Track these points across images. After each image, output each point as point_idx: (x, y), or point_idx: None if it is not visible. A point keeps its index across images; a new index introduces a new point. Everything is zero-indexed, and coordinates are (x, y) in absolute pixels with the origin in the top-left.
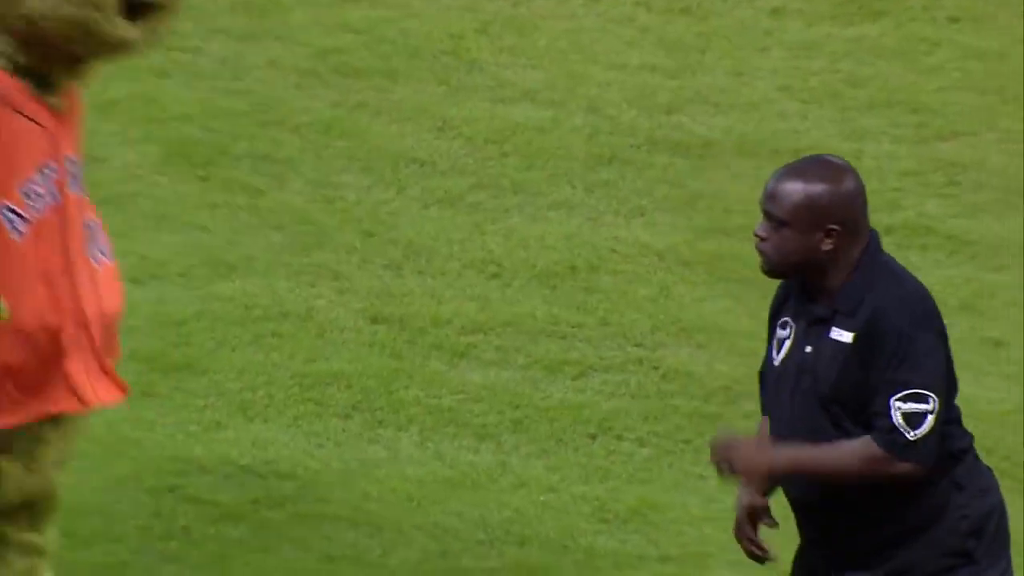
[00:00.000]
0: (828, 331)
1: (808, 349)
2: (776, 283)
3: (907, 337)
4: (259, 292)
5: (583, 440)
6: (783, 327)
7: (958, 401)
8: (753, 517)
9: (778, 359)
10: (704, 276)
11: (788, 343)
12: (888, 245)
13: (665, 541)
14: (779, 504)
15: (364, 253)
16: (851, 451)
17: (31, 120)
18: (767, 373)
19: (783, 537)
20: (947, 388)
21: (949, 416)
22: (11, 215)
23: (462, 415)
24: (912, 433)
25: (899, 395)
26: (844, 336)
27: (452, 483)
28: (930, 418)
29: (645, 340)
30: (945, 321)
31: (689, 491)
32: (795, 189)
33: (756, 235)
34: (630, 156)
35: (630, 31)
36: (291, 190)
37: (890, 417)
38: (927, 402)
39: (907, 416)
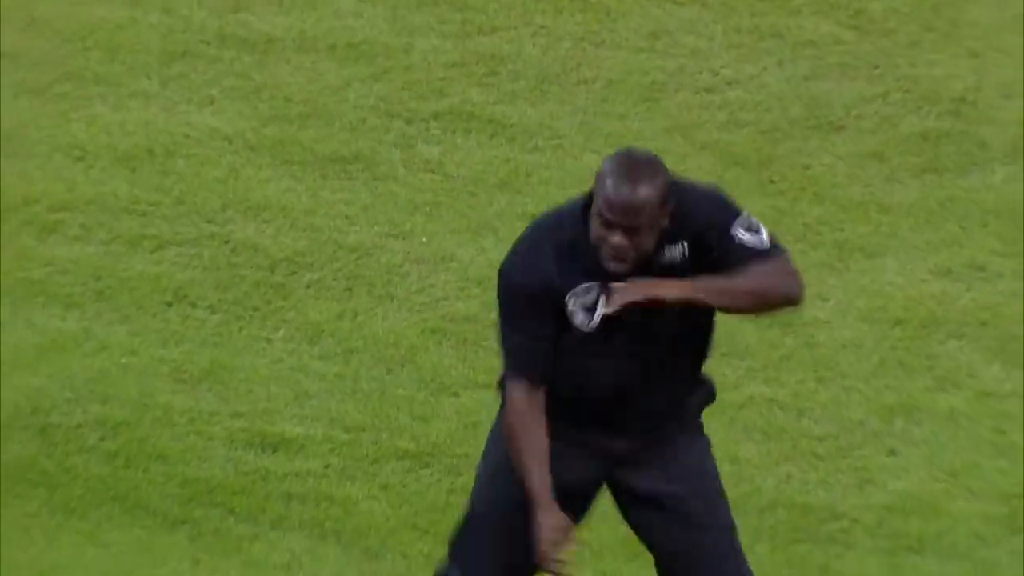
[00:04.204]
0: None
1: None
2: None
3: (721, 198)
4: None
5: (160, 307)
6: (587, 291)
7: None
8: (560, 541)
9: (591, 324)
10: (268, 159)
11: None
12: (435, 129)
13: (235, 399)
14: None
15: None
16: (774, 268)
17: None
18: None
19: None
20: None
21: None
22: None
23: (50, 286)
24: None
25: (744, 227)
26: (675, 253)
27: (41, 348)
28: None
29: (216, 217)
30: (484, 198)
31: (256, 353)
32: (646, 196)
33: (613, 247)
34: (201, 51)
35: None
36: None
37: (762, 241)
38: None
39: (768, 235)
